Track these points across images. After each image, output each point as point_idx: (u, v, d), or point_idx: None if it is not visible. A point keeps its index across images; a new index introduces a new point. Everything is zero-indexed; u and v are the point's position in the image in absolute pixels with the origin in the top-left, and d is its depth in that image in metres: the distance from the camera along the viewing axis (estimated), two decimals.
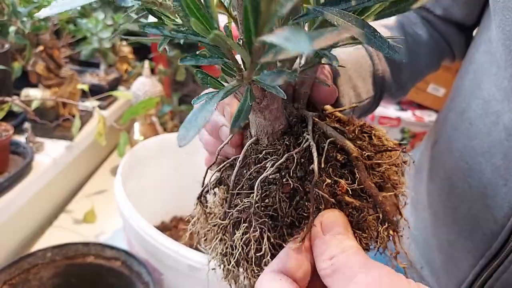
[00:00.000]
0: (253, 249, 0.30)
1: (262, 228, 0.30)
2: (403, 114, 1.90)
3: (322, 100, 0.36)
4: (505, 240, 0.43)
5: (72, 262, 0.77)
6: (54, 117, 1.03)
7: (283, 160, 0.30)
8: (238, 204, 0.32)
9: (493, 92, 0.45)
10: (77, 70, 1.32)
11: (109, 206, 1.05)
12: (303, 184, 0.30)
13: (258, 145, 0.33)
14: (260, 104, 0.30)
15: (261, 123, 0.32)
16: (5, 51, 0.97)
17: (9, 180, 0.84)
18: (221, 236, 0.33)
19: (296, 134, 0.32)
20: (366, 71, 0.48)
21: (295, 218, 0.30)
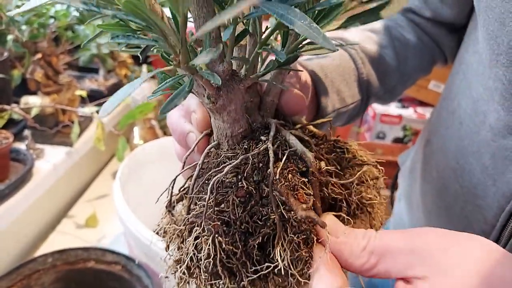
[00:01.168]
0: (204, 255, 0.29)
1: (214, 233, 0.29)
2: (405, 112, 1.89)
3: (290, 108, 0.35)
4: (496, 239, 0.43)
5: (72, 267, 0.77)
6: (53, 123, 1.04)
7: (238, 162, 0.30)
8: (195, 209, 0.31)
9: (480, 92, 0.44)
10: (76, 76, 1.33)
11: (110, 210, 1.06)
12: (259, 188, 0.30)
13: (219, 149, 0.33)
14: (216, 104, 0.30)
15: (220, 126, 0.32)
16: (4, 60, 0.98)
17: (10, 187, 0.84)
18: (178, 244, 0.32)
19: (257, 139, 0.32)
20: (350, 74, 0.47)
21: (250, 225, 0.30)
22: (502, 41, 0.38)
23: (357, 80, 0.48)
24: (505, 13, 0.37)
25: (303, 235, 0.29)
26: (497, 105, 0.41)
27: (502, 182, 0.41)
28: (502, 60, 0.39)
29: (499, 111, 0.41)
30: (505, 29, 0.38)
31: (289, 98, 0.34)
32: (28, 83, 1.03)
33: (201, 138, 0.34)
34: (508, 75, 0.38)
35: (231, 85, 0.30)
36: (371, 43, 0.52)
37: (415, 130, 1.90)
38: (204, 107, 0.34)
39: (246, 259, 0.30)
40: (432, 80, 1.79)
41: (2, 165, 0.86)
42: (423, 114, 1.89)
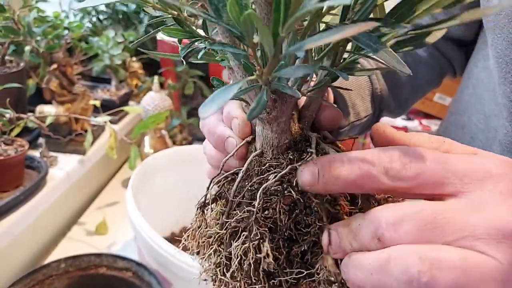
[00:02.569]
0: (252, 259, 0.29)
1: (261, 238, 0.30)
2: (410, 124, 1.90)
3: (327, 123, 0.36)
4: None
5: (85, 273, 0.79)
6: (67, 132, 1.07)
7: (286, 171, 0.31)
8: (237, 214, 0.32)
9: (492, 107, 0.46)
10: (89, 86, 1.35)
11: (120, 217, 1.08)
12: (303, 197, 0.31)
13: (262, 157, 0.33)
14: (270, 114, 0.30)
15: (268, 135, 0.32)
16: (21, 69, 1.01)
17: (25, 194, 0.87)
18: (215, 247, 0.33)
19: (300, 150, 0.33)
20: (365, 89, 0.49)
21: (293, 233, 0.31)
22: (510, 60, 0.40)
23: (371, 94, 0.50)
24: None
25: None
26: (505, 121, 0.42)
27: None
28: (510, 78, 0.40)
29: (507, 127, 0.42)
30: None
31: (329, 113, 0.35)
32: (43, 93, 1.06)
33: (242, 145, 0.35)
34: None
35: (284, 98, 0.31)
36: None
37: None
38: (244, 114, 0.35)
39: (287, 265, 0.31)
40: (437, 93, 1.80)
41: (17, 172, 0.89)
42: (428, 126, 1.90)
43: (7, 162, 0.83)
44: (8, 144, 0.87)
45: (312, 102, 0.34)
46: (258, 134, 0.34)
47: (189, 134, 1.41)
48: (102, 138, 1.18)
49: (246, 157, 0.35)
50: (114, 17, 1.57)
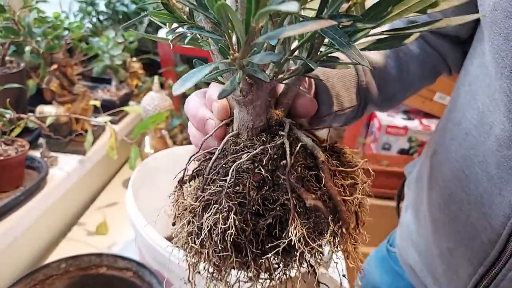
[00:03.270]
0: (220, 229, 0.32)
1: (230, 210, 0.32)
2: (410, 123, 1.91)
3: (302, 110, 0.38)
4: (502, 248, 0.44)
5: (85, 273, 0.79)
6: (67, 132, 1.07)
7: (258, 151, 0.34)
8: (211, 189, 0.34)
9: (486, 103, 0.46)
10: (89, 86, 1.35)
11: (120, 218, 1.08)
12: (272, 176, 0.33)
13: (238, 138, 0.36)
14: (246, 97, 0.33)
15: (244, 117, 0.35)
16: (21, 70, 1.01)
17: (25, 194, 0.87)
18: (189, 219, 0.35)
19: (273, 133, 0.35)
20: (351, 81, 0.50)
21: (261, 208, 0.33)
22: (506, 55, 0.40)
23: (357, 86, 0.51)
24: (509, 28, 0.40)
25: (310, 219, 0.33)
26: (502, 116, 0.43)
27: (507, 191, 0.43)
28: (507, 73, 0.41)
29: (504, 122, 0.43)
30: (509, 43, 0.40)
31: (304, 102, 0.38)
32: (43, 93, 1.06)
33: (220, 126, 0.37)
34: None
35: (260, 83, 0.33)
36: (374, 53, 0.54)
37: (420, 142, 1.91)
38: (225, 98, 0.37)
39: (253, 237, 0.34)
40: (437, 92, 1.80)
41: (17, 172, 0.89)
42: (428, 126, 1.90)
43: (8, 162, 0.83)
44: (8, 144, 0.87)
45: (289, 91, 0.37)
46: (235, 116, 0.36)
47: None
48: (103, 138, 1.18)
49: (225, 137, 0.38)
50: (114, 17, 1.57)
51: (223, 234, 0.32)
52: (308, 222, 0.33)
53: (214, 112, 0.38)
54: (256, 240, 0.34)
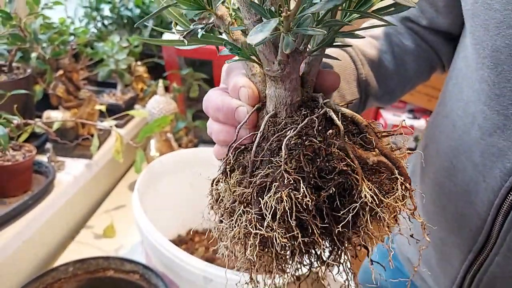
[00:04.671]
0: (287, 206, 0.30)
1: (294, 185, 0.31)
2: (416, 122, 1.90)
3: (328, 86, 0.38)
4: (488, 233, 0.46)
5: (93, 276, 0.80)
6: (74, 137, 1.08)
7: (304, 123, 0.33)
8: (261, 172, 0.33)
9: (469, 94, 0.47)
10: (95, 90, 1.37)
11: (127, 221, 1.09)
12: (324, 144, 0.32)
13: (277, 118, 0.35)
14: (284, 71, 0.32)
15: (281, 94, 0.34)
16: (28, 76, 1.03)
17: (33, 198, 0.88)
18: (242, 209, 0.34)
19: (311, 107, 0.35)
20: (351, 74, 0.51)
21: (319, 180, 0.32)
22: (487, 45, 0.42)
23: (357, 79, 0.52)
24: (489, 20, 0.41)
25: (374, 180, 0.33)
26: (483, 105, 0.44)
27: (491, 177, 0.44)
28: (487, 62, 0.42)
29: (485, 111, 0.44)
30: (488, 34, 0.42)
31: (328, 76, 0.38)
32: (50, 98, 1.07)
33: (254, 111, 0.36)
34: (492, 77, 0.42)
35: (294, 56, 0.32)
36: (371, 48, 0.55)
37: None
38: (251, 83, 0.36)
39: (316, 213, 0.32)
40: None
41: (25, 177, 0.90)
42: None
43: (16, 167, 0.84)
44: (16, 149, 0.89)
45: (312, 68, 0.37)
46: (270, 96, 0.35)
47: (195, 137, 1.42)
48: (109, 142, 1.19)
49: (258, 125, 0.36)
50: (119, 22, 1.58)
51: (287, 213, 0.31)
52: (373, 183, 0.32)
53: (244, 98, 0.36)
54: (320, 216, 0.32)
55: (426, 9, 0.57)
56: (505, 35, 0.40)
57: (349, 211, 0.31)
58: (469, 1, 0.45)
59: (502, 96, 0.42)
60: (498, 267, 0.46)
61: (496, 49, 0.41)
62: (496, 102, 0.42)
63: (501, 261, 0.46)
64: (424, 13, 0.58)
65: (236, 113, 0.36)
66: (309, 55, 0.35)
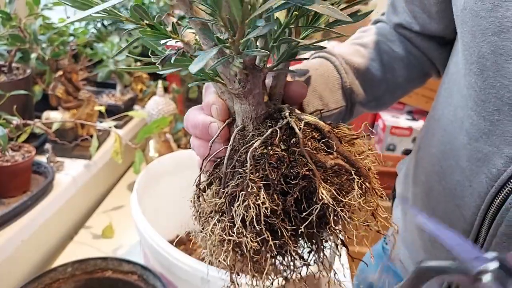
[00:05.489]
0: (254, 213, 0.33)
1: (259, 191, 0.34)
2: (415, 124, 1.90)
3: (295, 96, 0.40)
4: (475, 237, 0.46)
5: (91, 276, 0.80)
6: (73, 137, 1.08)
7: (268, 134, 0.35)
8: (232, 182, 0.36)
9: (458, 99, 0.48)
10: (94, 91, 1.37)
11: (126, 221, 1.09)
12: (288, 153, 0.35)
13: (245, 131, 0.38)
14: (245, 88, 0.35)
15: (246, 109, 0.37)
16: (27, 76, 1.03)
17: (32, 199, 0.88)
18: (218, 218, 0.36)
19: (276, 119, 0.38)
20: (334, 83, 0.52)
21: (284, 186, 0.35)
22: (474, 51, 0.43)
23: (341, 88, 0.52)
24: (475, 27, 0.42)
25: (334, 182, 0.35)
26: (470, 111, 0.45)
27: (477, 182, 0.45)
28: (474, 69, 0.43)
29: (472, 116, 0.45)
30: (475, 40, 0.42)
31: (294, 87, 0.40)
32: (49, 99, 1.08)
33: (224, 126, 0.39)
34: (479, 83, 0.43)
35: (254, 73, 0.35)
36: (357, 56, 0.56)
37: None
38: (221, 100, 0.39)
39: (284, 216, 0.35)
40: None
41: (24, 177, 0.90)
42: None
43: (15, 168, 0.85)
44: (15, 150, 0.89)
45: (278, 81, 0.39)
46: (237, 112, 0.38)
47: None
48: (108, 143, 1.20)
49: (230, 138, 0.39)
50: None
51: (256, 218, 0.33)
52: (332, 184, 0.35)
53: (215, 115, 0.39)
54: (288, 219, 0.35)
55: (418, 15, 0.58)
56: (490, 41, 0.41)
57: (312, 212, 0.34)
58: (459, 7, 0.45)
59: (487, 102, 0.42)
60: None
61: (482, 56, 0.42)
62: (481, 108, 0.43)
63: None
64: (417, 18, 0.58)
65: (209, 129, 0.39)
66: (269, 70, 0.37)
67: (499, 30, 0.39)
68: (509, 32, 0.39)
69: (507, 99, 0.40)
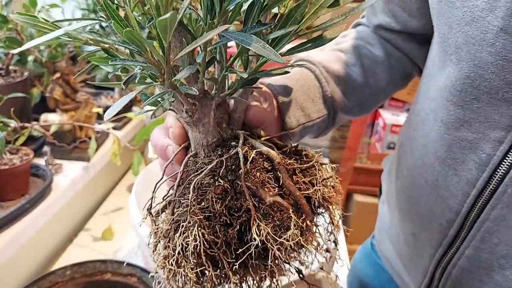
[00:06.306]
0: (192, 246, 0.33)
1: (196, 225, 0.33)
2: None
3: (254, 121, 0.40)
4: (460, 226, 0.47)
5: (90, 279, 0.80)
6: (71, 139, 1.08)
7: (214, 164, 0.35)
8: (179, 210, 0.35)
9: (434, 91, 0.49)
10: (93, 93, 1.37)
11: (126, 223, 1.09)
12: (233, 185, 0.35)
13: (197, 157, 0.38)
14: (193, 117, 0.35)
15: (197, 136, 0.37)
16: (25, 79, 1.03)
17: (31, 202, 0.88)
18: (165, 243, 0.36)
19: (229, 146, 0.37)
20: (315, 92, 0.52)
21: (228, 218, 0.34)
22: (452, 42, 0.43)
23: (322, 97, 0.52)
24: (452, 18, 0.42)
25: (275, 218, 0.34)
26: (445, 101, 0.46)
27: (464, 170, 0.45)
28: (454, 59, 0.44)
29: (448, 106, 0.45)
30: (452, 31, 0.43)
31: (253, 112, 0.40)
32: (47, 101, 1.07)
33: (179, 150, 0.39)
34: (456, 73, 0.43)
35: (204, 101, 0.35)
36: (337, 63, 0.56)
37: None
38: (179, 123, 0.39)
39: (226, 248, 0.34)
40: None
41: (23, 180, 0.90)
42: None
43: (13, 171, 0.84)
44: (13, 153, 0.89)
45: (238, 105, 0.39)
46: (190, 138, 0.38)
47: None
48: (106, 144, 1.19)
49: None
50: None
51: (195, 250, 0.33)
52: (272, 220, 0.34)
53: (171, 138, 0.40)
54: (229, 250, 0.34)
55: (398, 14, 0.57)
56: (464, 31, 0.41)
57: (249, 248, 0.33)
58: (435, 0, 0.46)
59: (463, 92, 0.43)
60: (468, 260, 0.47)
61: (458, 46, 0.42)
62: (458, 98, 0.44)
63: (472, 254, 0.46)
64: (397, 17, 0.58)
65: (167, 151, 0.40)
66: (222, 99, 0.37)
67: (470, 19, 0.40)
68: (479, 21, 0.39)
69: (484, 88, 0.41)
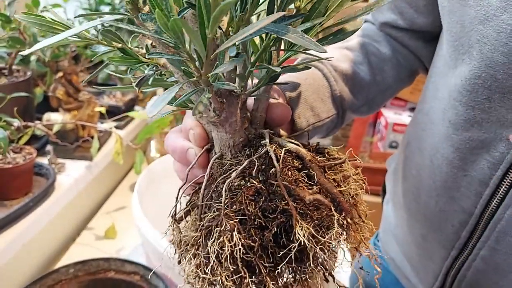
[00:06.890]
0: (228, 251, 0.31)
1: (233, 229, 0.31)
2: None
3: (277, 119, 0.38)
4: (473, 227, 0.46)
5: (94, 277, 0.80)
6: (74, 139, 1.09)
7: (245, 165, 0.33)
8: (208, 215, 0.34)
9: (444, 91, 0.48)
10: (95, 92, 1.37)
11: (129, 222, 1.09)
12: (266, 186, 0.33)
13: (223, 159, 0.36)
14: (220, 117, 0.33)
15: (223, 137, 0.35)
16: (28, 78, 1.03)
17: (34, 201, 0.88)
18: (194, 251, 0.34)
19: (256, 146, 0.35)
20: (324, 92, 0.51)
21: (262, 220, 0.32)
22: (464, 41, 0.43)
23: (331, 96, 0.51)
24: (464, 16, 0.42)
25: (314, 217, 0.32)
26: (454, 101, 0.45)
27: (475, 170, 0.45)
28: (466, 59, 0.43)
29: (457, 106, 0.45)
30: (464, 30, 0.42)
31: (276, 109, 0.38)
32: (50, 101, 1.08)
33: (202, 152, 0.37)
34: (467, 72, 0.43)
35: (231, 100, 0.33)
36: (345, 61, 0.55)
37: None
38: (200, 125, 0.37)
39: (262, 252, 0.32)
40: None
41: (26, 179, 0.90)
42: None
43: (16, 170, 0.85)
44: (16, 152, 0.89)
45: (260, 103, 0.37)
46: (215, 139, 0.36)
47: None
48: (109, 143, 1.20)
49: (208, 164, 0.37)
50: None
51: (231, 255, 0.31)
52: (312, 220, 0.32)
53: (192, 140, 0.37)
54: (266, 254, 0.33)
55: (405, 11, 0.57)
56: (476, 30, 0.40)
57: (290, 250, 0.32)
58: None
59: (474, 92, 0.42)
60: (483, 261, 0.46)
61: (471, 45, 0.42)
62: (468, 98, 0.43)
63: (487, 255, 0.46)
64: (404, 14, 0.57)
65: (187, 155, 0.38)
66: (247, 96, 0.36)
67: (484, 18, 0.39)
68: (493, 20, 0.38)
69: (495, 88, 0.40)
